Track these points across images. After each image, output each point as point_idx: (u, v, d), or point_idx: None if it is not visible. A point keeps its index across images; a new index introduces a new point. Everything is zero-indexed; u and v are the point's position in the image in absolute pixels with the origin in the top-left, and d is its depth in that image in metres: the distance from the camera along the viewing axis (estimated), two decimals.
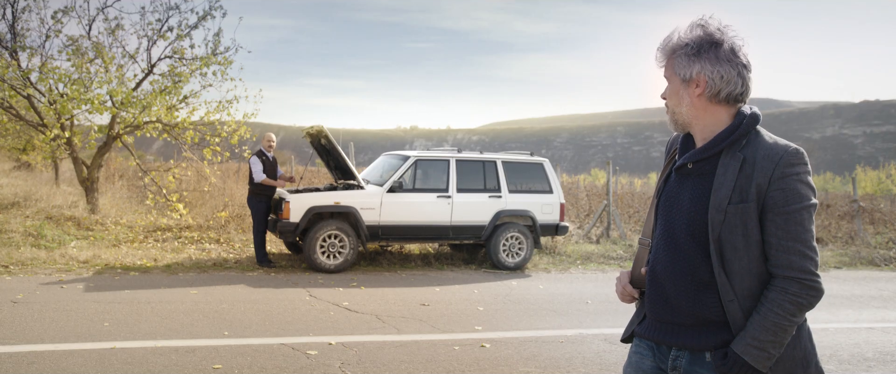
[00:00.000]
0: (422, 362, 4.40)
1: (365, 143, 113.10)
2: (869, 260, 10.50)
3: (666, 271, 1.75)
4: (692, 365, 1.73)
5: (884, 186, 30.35)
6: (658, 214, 1.82)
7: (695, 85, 1.71)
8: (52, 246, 8.38)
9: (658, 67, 1.80)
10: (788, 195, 1.62)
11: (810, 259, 1.61)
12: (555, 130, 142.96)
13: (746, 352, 1.61)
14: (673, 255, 1.73)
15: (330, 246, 7.74)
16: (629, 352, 1.95)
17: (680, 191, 1.76)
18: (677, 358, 1.76)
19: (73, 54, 9.78)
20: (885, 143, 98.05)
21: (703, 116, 1.74)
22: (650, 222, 1.88)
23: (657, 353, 1.82)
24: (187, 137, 10.65)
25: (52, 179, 16.48)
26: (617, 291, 1.93)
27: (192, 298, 6.05)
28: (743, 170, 1.65)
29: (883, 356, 4.98)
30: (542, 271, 8.68)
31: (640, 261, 1.89)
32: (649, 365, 1.84)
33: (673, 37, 1.73)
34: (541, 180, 8.83)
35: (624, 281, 1.90)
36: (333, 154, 8.50)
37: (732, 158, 1.68)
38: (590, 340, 5.16)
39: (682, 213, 1.73)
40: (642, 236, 1.92)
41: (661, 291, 1.76)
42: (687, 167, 1.75)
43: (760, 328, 1.61)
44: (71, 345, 4.42)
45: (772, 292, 1.63)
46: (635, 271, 1.89)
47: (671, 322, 1.76)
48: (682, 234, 1.72)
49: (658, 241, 1.79)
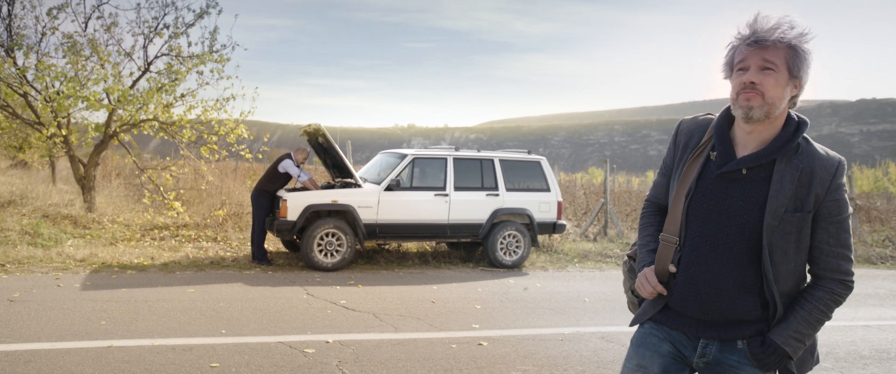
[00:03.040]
0: (419, 360, 4.40)
1: (362, 141, 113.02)
2: (865, 258, 10.52)
3: (706, 275, 1.77)
4: (722, 353, 1.81)
5: (880, 184, 30.42)
6: (691, 215, 1.81)
7: (794, 86, 1.71)
8: (49, 244, 8.36)
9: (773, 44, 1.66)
10: (841, 206, 1.73)
11: (852, 262, 1.76)
12: (552, 129, 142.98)
13: (787, 343, 1.73)
14: (719, 260, 1.76)
15: (327, 244, 7.74)
16: (640, 333, 1.95)
17: (726, 195, 1.76)
18: (707, 346, 1.83)
19: (68, 51, 9.75)
20: (882, 141, 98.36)
21: (778, 117, 1.74)
22: (676, 220, 1.84)
23: (679, 341, 1.88)
24: (184, 135, 10.63)
25: (49, 177, 16.44)
26: (643, 290, 1.90)
27: (190, 296, 6.04)
28: (800, 180, 1.71)
29: (879, 353, 5.00)
30: (539, 269, 8.68)
31: (663, 258, 1.86)
32: (668, 349, 1.89)
33: (795, 26, 1.66)
34: (538, 179, 8.83)
35: (654, 281, 1.87)
36: (331, 152, 8.50)
37: (789, 166, 1.72)
38: (587, 338, 5.16)
39: (733, 218, 1.74)
40: (665, 232, 1.87)
41: (697, 292, 1.79)
42: (742, 172, 1.74)
43: (803, 323, 1.74)
44: (68, 344, 4.41)
45: (818, 291, 1.75)
46: (659, 267, 1.87)
47: (702, 320, 1.82)
48: (732, 240, 1.74)
49: (696, 244, 1.79)
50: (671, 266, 1.84)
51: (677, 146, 1.93)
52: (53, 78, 9.66)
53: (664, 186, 2.00)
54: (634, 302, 2.08)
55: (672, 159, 1.95)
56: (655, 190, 2.04)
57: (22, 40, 9.89)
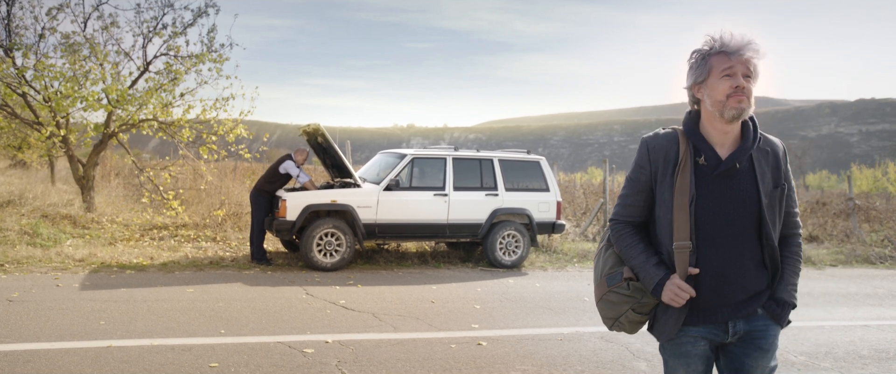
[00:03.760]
0: (419, 360, 4.40)
1: (362, 141, 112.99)
2: (864, 258, 10.53)
3: (729, 262, 2.00)
4: (749, 324, 2.06)
5: (879, 184, 30.45)
6: (701, 216, 1.99)
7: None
8: (48, 244, 8.36)
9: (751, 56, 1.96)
10: (792, 173, 2.14)
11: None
12: (552, 129, 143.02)
13: (791, 295, 2.06)
14: (735, 246, 2.00)
15: (327, 244, 7.74)
16: (675, 344, 2.10)
17: (728, 189, 2.00)
18: (736, 325, 2.06)
19: (67, 51, 9.75)
20: (881, 141, 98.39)
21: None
22: (684, 226, 1.99)
23: (710, 332, 2.06)
24: (183, 135, 10.62)
25: (48, 177, 16.42)
26: (678, 299, 1.99)
27: (189, 296, 6.04)
28: (770, 161, 2.05)
29: (878, 353, 5.00)
30: (538, 269, 8.68)
31: (682, 264, 2.00)
32: (703, 348, 2.09)
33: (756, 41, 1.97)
34: (537, 179, 8.83)
35: (686, 286, 1.99)
36: (330, 152, 8.50)
37: (760, 153, 2.05)
38: (586, 338, 5.16)
39: (738, 207, 1.99)
40: (677, 241, 2.00)
41: (727, 281, 2.01)
42: (736, 167, 2.00)
43: (793, 274, 2.09)
44: (67, 344, 4.40)
45: (792, 246, 2.11)
46: (681, 273, 2.01)
47: (729, 304, 2.03)
48: (741, 225, 1.99)
49: (713, 239, 1.99)
50: (691, 269, 2.00)
51: (654, 163, 2.07)
52: (52, 78, 9.66)
53: (642, 204, 2.12)
54: (636, 322, 2.15)
55: (650, 177, 2.08)
56: (631, 209, 2.14)
57: (21, 40, 9.89)
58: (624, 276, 2.11)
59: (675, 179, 2.01)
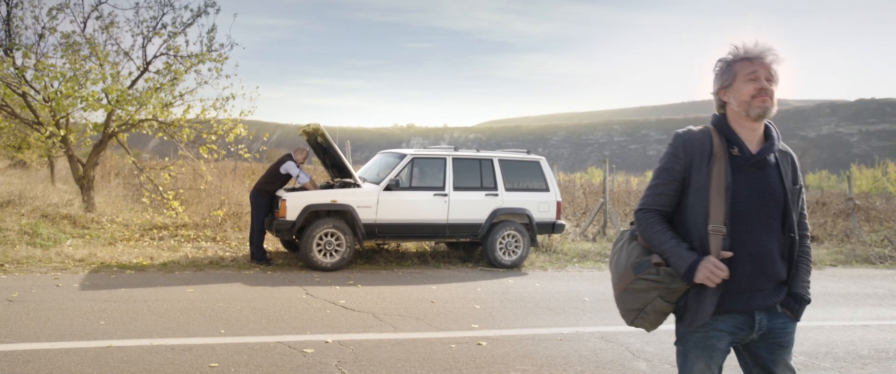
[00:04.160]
0: (418, 360, 4.40)
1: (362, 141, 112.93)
2: (864, 258, 10.53)
3: (762, 246, 2.12)
4: (771, 320, 2.18)
5: (879, 184, 30.44)
6: (738, 202, 2.11)
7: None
8: (48, 244, 8.35)
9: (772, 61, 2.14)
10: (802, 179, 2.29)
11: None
12: (552, 129, 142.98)
13: (806, 291, 2.21)
14: (767, 232, 2.13)
15: (326, 244, 7.74)
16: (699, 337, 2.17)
17: (760, 179, 2.14)
18: (761, 320, 2.16)
19: (66, 51, 9.75)
20: (881, 141, 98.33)
21: None
22: (720, 211, 2.10)
23: (737, 325, 2.16)
24: (183, 135, 10.62)
25: (48, 177, 16.42)
26: (714, 278, 2.06)
27: (189, 296, 6.04)
28: (789, 162, 2.22)
29: (878, 353, 5.00)
30: (538, 269, 8.68)
31: (716, 247, 2.09)
32: (726, 345, 2.19)
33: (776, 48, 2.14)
34: (537, 178, 8.82)
35: (722, 265, 2.07)
36: (330, 152, 8.49)
37: (780, 154, 2.21)
38: (586, 337, 5.16)
39: (770, 196, 2.14)
40: (712, 224, 2.10)
41: (762, 264, 2.13)
42: (766, 159, 2.16)
43: (806, 272, 2.23)
44: (67, 344, 4.40)
45: (804, 246, 2.24)
46: (716, 256, 2.09)
47: (759, 290, 2.14)
48: (771, 214, 2.14)
49: (748, 223, 2.11)
50: (724, 252, 2.09)
51: (689, 154, 2.18)
52: (52, 78, 9.66)
53: (673, 193, 2.21)
54: (661, 312, 2.19)
55: (684, 167, 2.18)
56: (661, 198, 2.22)
57: (21, 40, 9.89)
58: (653, 262, 2.17)
59: (711, 168, 2.12)
